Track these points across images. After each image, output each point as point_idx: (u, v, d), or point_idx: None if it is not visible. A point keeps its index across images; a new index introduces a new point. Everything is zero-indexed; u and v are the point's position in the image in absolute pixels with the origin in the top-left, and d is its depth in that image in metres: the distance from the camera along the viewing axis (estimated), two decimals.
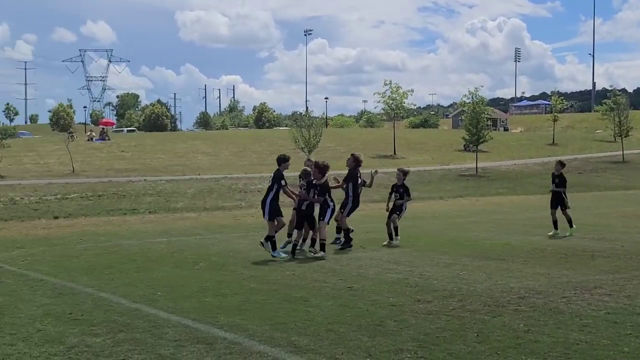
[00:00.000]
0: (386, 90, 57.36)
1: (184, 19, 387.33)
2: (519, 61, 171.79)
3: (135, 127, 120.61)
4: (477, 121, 50.86)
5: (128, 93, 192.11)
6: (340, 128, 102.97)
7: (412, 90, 60.12)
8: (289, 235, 15.23)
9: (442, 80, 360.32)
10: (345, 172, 15.88)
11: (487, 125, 55.91)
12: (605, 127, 72.63)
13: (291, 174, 15.31)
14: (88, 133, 75.66)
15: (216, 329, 8.04)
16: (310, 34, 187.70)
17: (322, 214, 14.34)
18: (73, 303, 9.72)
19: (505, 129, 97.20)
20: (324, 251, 13.99)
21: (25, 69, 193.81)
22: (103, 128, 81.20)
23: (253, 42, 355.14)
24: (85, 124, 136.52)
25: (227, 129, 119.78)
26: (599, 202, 30.79)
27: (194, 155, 54.13)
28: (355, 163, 15.83)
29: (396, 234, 15.67)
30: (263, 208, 14.15)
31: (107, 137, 67.07)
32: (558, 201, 17.43)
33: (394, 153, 57.23)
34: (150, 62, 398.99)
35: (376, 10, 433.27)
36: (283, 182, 13.98)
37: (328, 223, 14.52)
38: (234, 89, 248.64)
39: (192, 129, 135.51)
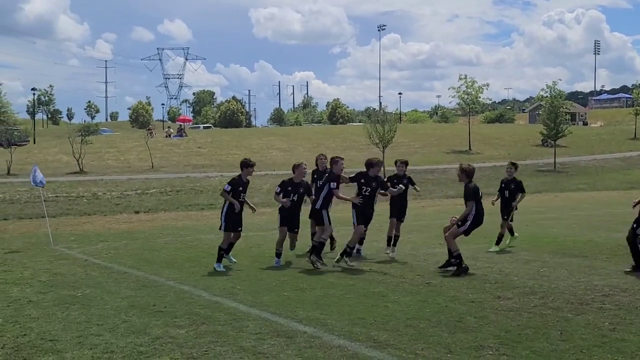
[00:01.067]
0: (461, 84, 56.72)
1: (257, 16, 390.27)
2: (598, 54, 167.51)
3: (211, 124, 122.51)
4: (556, 115, 49.82)
5: (204, 90, 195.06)
6: (415, 123, 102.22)
7: (488, 85, 59.50)
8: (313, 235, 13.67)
9: (517, 75, 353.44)
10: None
11: (566, 120, 54.72)
12: None
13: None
14: (166, 130, 77.17)
15: (295, 323, 8.11)
16: (384, 29, 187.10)
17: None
18: (156, 295, 9.95)
19: (585, 124, 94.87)
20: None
21: (106, 67, 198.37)
22: (180, 125, 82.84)
23: (326, 38, 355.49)
24: (163, 120, 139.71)
25: (300, 125, 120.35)
26: None
27: (268, 151, 54.63)
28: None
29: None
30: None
31: (184, 134, 68.27)
32: (508, 210, 14.65)
33: (469, 148, 56.51)
34: (225, 60, 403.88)
35: (450, 4, 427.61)
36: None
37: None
38: (307, 85, 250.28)
39: (267, 125, 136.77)
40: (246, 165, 13.19)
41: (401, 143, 51.78)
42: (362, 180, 12.48)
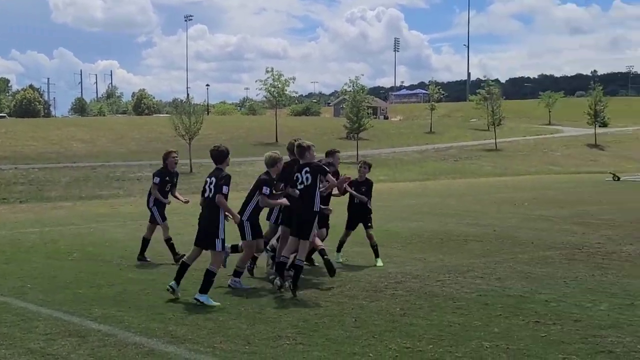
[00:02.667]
0: (268, 77, 57.32)
1: (56, 1, 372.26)
2: (398, 51, 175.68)
3: (6, 114, 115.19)
4: (358, 109, 51.65)
5: None
6: (223, 115, 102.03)
7: (294, 78, 60.34)
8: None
9: (323, 69, 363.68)
10: None
11: (368, 114, 56.83)
12: (479, 116, 75.48)
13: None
14: None
15: (89, 321, 7.78)
16: (191, 19, 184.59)
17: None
18: None
19: (385, 118, 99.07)
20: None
21: None
22: None
23: (130, 26, 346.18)
24: None
25: (104, 115, 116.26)
26: (474, 188, 31.89)
27: (69, 142, 52.22)
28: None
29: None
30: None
31: None
32: (360, 217, 12.22)
33: (276, 141, 57.21)
34: (21, 46, 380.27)
35: None
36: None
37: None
38: (111, 75, 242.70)
39: (67, 116, 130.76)
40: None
41: (208, 135, 51.37)
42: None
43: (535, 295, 9.03)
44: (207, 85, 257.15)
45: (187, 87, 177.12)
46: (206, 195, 8.97)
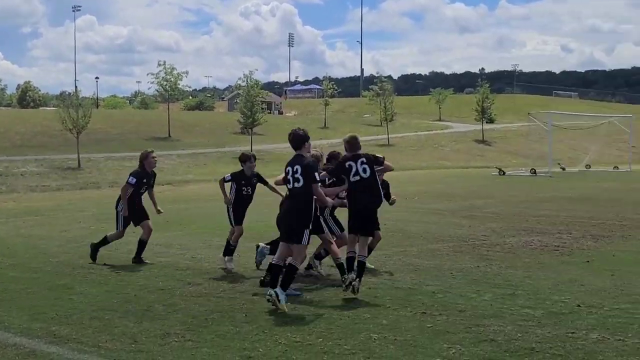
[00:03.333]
0: (160, 71, 56.35)
1: None
2: (292, 46, 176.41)
3: None
4: (252, 104, 51.51)
5: None
6: (113, 109, 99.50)
7: (187, 72, 59.61)
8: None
9: (217, 63, 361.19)
10: None
11: (262, 109, 56.77)
12: (372, 112, 76.62)
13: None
14: None
15: None
16: (79, 10, 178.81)
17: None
18: None
19: (280, 113, 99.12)
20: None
21: None
22: None
23: (14, 16, 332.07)
24: None
25: None
26: None
27: None
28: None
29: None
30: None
31: None
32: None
33: (169, 135, 56.34)
34: None
35: None
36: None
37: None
38: None
39: None
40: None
41: (97, 129, 50.05)
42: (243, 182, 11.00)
43: (423, 287, 9.23)
44: (97, 78, 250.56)
45: (75, 80, 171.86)
46: (296, 185, 8.30)
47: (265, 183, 11.04)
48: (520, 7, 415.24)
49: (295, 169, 8.30)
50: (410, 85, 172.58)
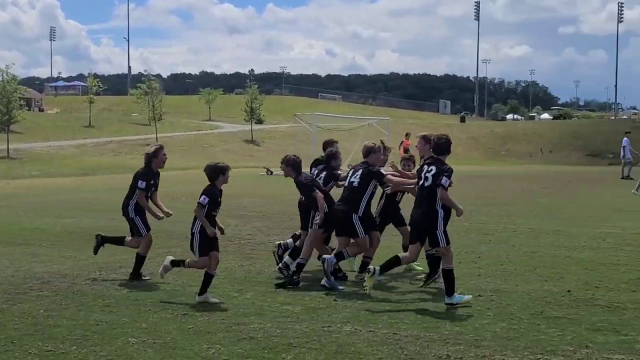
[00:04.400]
0: None
1: None
2: (54, 40, 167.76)
3: None
4: (8, 100, 48.44)
5: None
6: None
7: None
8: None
9: None
10: None
11: (20, 105, 53.46)
12: (140, 111, 74.95)
13: None
14: None
15: None
16: None
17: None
18: None
19: (41, 110, 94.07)
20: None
21: None
22: None
23: None
24: None
25: None
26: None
27: None
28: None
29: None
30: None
31: None
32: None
33: None
34: None
35: None
36: None
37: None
38: None
39: None
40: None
41: None
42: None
43: (186, 288, 9.17)
44: None
45: None
46: (426, 184, 8.46)
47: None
48: (286, 11, 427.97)
49: (429, 169, 8.56)
50: (180, 84, 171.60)
